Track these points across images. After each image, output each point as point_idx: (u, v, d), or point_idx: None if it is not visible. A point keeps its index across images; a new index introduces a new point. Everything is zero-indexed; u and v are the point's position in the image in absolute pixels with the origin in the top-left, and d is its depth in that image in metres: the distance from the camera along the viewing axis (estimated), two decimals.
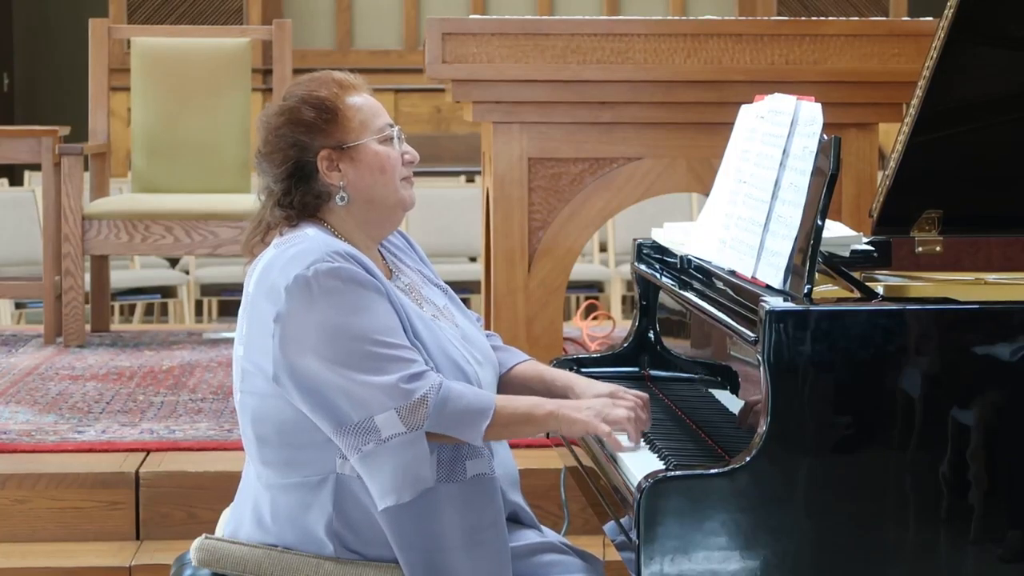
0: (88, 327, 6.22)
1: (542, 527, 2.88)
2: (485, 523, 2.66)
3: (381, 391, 2.55)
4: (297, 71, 6.53)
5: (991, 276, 3.19)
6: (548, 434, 2.96)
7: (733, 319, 2.63)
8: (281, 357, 2.59)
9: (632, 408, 2.70)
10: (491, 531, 2.66)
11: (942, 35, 2.99)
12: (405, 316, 2.65)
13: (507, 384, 2.91)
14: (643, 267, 3.32)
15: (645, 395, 2.81)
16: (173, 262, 8.71)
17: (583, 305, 5.84)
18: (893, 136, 3.19)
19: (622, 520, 2.61)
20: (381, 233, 2.79)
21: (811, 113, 2.68)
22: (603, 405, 2.70)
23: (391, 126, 2.75)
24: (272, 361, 2.60)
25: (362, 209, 2.73)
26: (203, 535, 2.76)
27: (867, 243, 3.19)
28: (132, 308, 8.81)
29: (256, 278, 2.67)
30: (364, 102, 2.74)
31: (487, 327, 4.11)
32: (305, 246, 2.63)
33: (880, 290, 2.82)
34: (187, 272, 8.49)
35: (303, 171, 2.70)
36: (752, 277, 2.68)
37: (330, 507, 2.63)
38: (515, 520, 2.80)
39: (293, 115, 2.70)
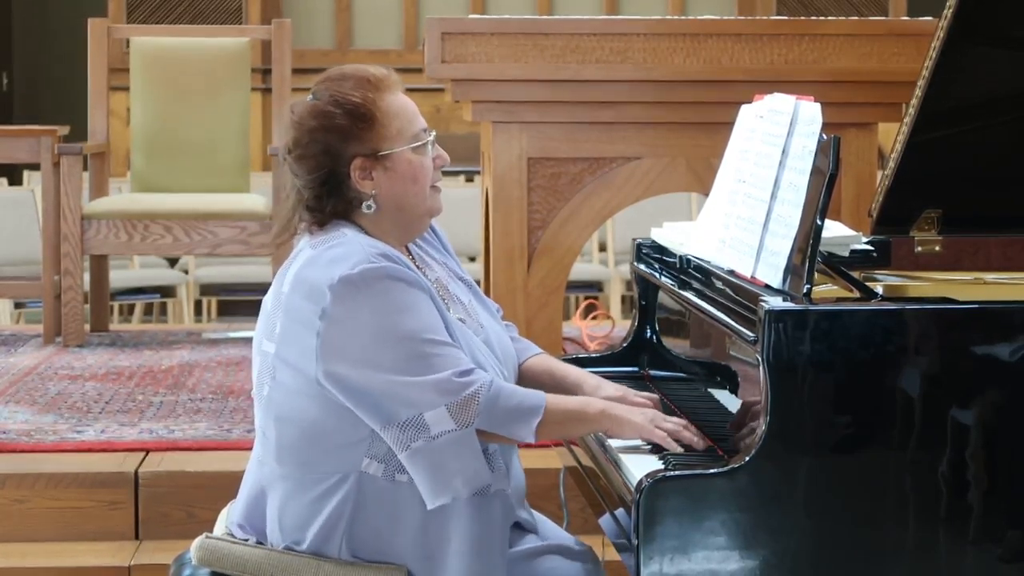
0: (87, 327, 6.22)
1: (546, 522, 2.88)
2: (494, 538, 2.66)
3: (432, 388, 2.53)
4: (296, 71, 6.54)
5: (991, 276, 3.19)
6: None
7: (732, 319, 2.63)
8: (327, 359, 2.56)
9: (679, 426, 2.68)
10: (495, 546, 2.66)
11: (941, 35, 2.99)
12: (442, 318, 2.64)
13: (518, 378, 2.90)
14: (642, 267, 3.31)
15: (654, 396, 2.80)
16: (172, 262, 8.71)
17: (582, 305, 5.84)
18: (893, 136, 3.19)
19: (621, 520, 2.60)
20: (408, 237, 2.77)
21: (810, 113, 2.67)
22: (655, 414, 2.69)
23: (425, 131, 2.71)
24: (315, 362, 2.57)
25: (391, 215, 2.70)
26: (204, 534, 2.76)
27: (866, 243, 3.19)
28: (131, 308, 8.81)
29: (292, 277, 2.63)
30: (401, 106, 2.69)
31: None
32: (347, 248, 2.60)
33: (879, 290, 2.82)
34: (186, 272, 8.49)
35: (334, 178, 2.66)
36: (751, 277, 2.68)
37: (346, 505, 2.62)
38: (516, 526, 2.80)
39: (327, 119, 2.64)
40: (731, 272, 2.76)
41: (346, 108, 2.64)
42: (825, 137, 2.60)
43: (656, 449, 2.70)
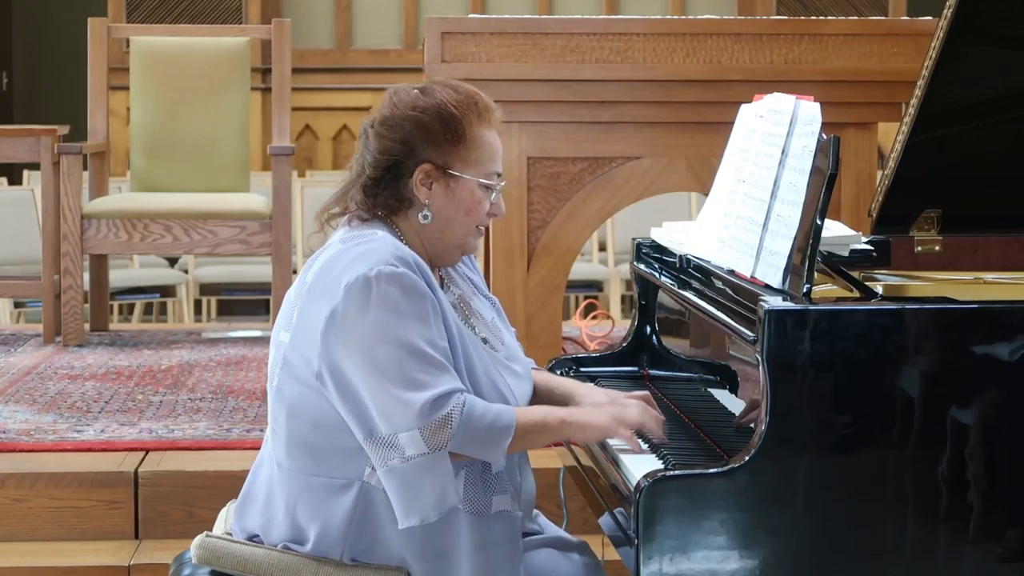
0: (87, 326, 6.22)
1: (542, 519, 2.88)
2: (501, 559, 2.66)
3: (409, 409, 2.53)
4: (296, 71, 6.54)
5: (990, 276, 3.19)
6: None
7: (732, 318, 2.63)
8: (326, 353, 2.58)
9: (643, 408, 2.71)
10: (503, 566, 2.66)
11: (941, 35, 3.00)
12: (459, 341, 2.65)
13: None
14: (642, 266, 3.32)
15: (646, 393, 2.80)
16: (172, 261, 8.71)
17: (582, 304, 5.84)
18: (892, 135, 3.19)
19: (620, 520, 2.60)
20: (435, 261, 2.77)
21: (810, 112, 2.67)
22: (616, 409, 2.71)
23: (499, 176, 2.74)
24: (317, 355, 2.59)
25: (432, 234, 2.72)
26: (204, 533, 2.76)
27: (866, 242, 3.20)
28: (131, 307, 8.81)
29: (317, 270, 2.66)
30: (490, 141, 2.72)
31: None
32: (372, 246, 2.62)
33: (879, 289, 2.82)
34: (186, 271, 8.49)
35: (398, 170, 2.69)
36: (751, 276, 2.68)
37: (349, 512, 2.62)
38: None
39: (421, 114, 2.68)
40: (731, 272, 2.76)
41: (442, 115, 2.68)
42: (825, 137, 2.60)
43: (655, 447, 2.71)
